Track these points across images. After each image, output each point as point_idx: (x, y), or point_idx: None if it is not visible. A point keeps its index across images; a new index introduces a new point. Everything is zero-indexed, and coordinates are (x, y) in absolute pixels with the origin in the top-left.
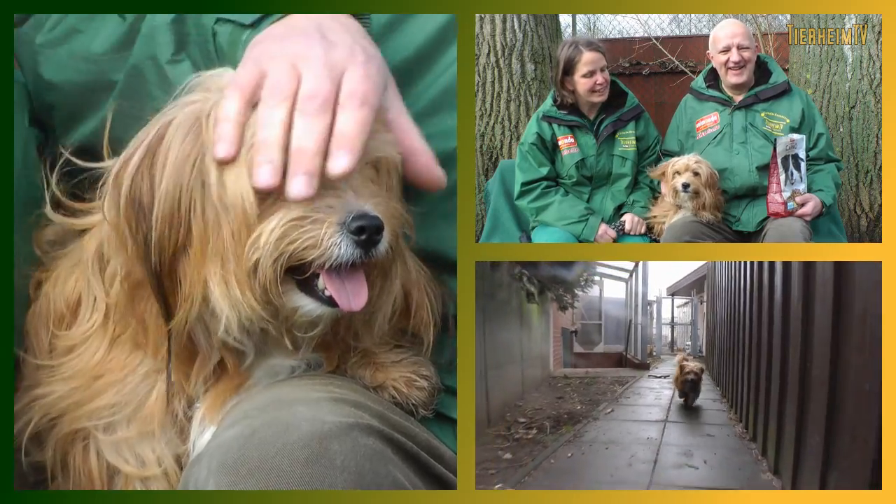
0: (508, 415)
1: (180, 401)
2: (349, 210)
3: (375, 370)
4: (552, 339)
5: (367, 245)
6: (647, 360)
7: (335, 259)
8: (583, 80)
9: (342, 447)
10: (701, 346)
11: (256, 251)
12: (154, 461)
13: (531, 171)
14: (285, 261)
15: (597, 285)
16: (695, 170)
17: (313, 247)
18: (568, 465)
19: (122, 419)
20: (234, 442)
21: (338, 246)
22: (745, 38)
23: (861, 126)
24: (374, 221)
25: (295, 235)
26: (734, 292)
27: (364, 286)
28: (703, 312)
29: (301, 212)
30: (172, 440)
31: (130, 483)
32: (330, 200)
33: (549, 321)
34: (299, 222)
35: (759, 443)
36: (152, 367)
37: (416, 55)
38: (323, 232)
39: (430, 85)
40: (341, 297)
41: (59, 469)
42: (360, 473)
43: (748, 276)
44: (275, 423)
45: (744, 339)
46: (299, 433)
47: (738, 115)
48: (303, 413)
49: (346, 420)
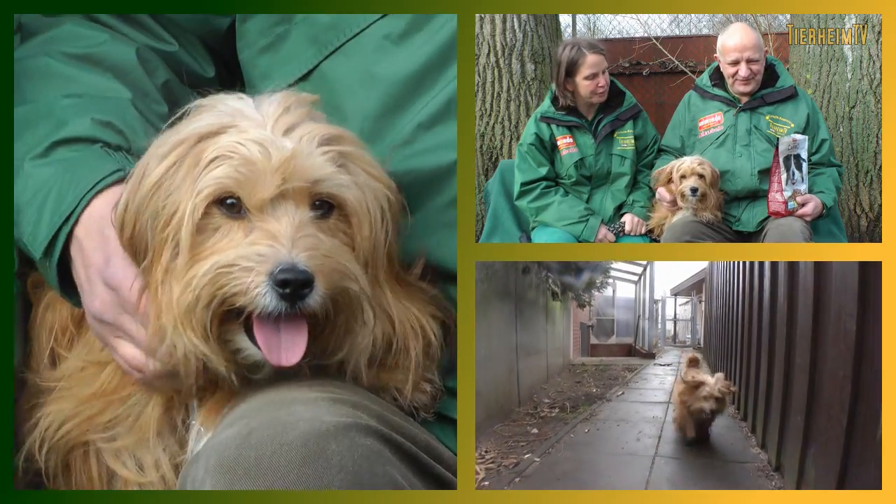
0: (535, 396)
1: (179, 411)
2: (277, 261)
3: (378, 372)
4: (572, 332)
5: (293, 298)
6: (653, 350)
7: (261, 309)
8: (585, 83)
9: (340, 447)
10: (699, 339)
11: (190, 292)
12: (152, 466)
13: (530, 172)
14: (216, 304)
15: (610, 286)
16: (700, 172)
17: (241, 294)
18: (585, 439)
19: (122, 430)
20: (231, 441)
21: (263, 297)
22: (755, 50)
23: (861, 126)
24: (300, 276)
25: (223, 281)
26: (729, 292)
27: (302, 339)
28: (702, 310)
29: (233, 258)
30: (171, 448)
31: (128, 487)
32: (262, 248)
33: (569, 317)
34: (229, 269)
35: (749, 421)
36: None
37: (422, 69)
38: (250, 280)
39: (434, 98)
40: (271, 350)
41: (60, 471)
42: (358, 473)
43: (741, 278)
44: (272, 423)
45: (736, 333)
46: (297, 433)
47: (743, 116)
48: (300, 413)
49: (344, 420)
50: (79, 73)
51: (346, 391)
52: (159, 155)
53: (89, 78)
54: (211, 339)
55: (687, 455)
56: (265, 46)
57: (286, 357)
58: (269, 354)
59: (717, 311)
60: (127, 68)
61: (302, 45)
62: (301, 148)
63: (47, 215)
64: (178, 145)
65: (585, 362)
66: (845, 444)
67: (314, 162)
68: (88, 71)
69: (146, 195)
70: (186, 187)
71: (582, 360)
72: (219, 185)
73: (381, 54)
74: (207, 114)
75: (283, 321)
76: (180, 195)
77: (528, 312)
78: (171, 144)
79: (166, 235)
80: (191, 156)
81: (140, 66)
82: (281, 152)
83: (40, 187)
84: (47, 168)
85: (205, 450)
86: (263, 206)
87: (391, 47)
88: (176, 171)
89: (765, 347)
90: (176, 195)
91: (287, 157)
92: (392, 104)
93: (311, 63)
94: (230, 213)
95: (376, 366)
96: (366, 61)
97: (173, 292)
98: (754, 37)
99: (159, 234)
